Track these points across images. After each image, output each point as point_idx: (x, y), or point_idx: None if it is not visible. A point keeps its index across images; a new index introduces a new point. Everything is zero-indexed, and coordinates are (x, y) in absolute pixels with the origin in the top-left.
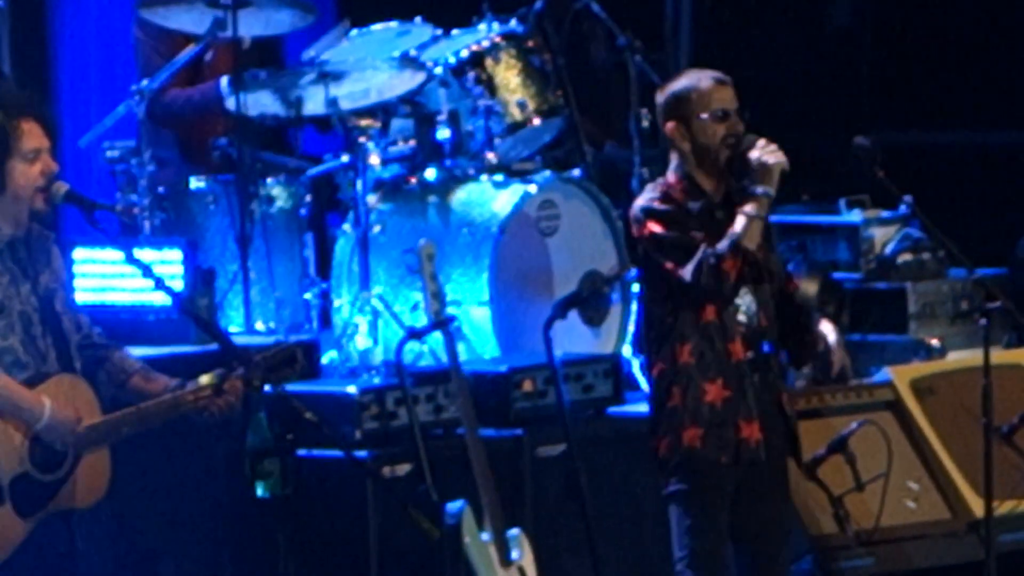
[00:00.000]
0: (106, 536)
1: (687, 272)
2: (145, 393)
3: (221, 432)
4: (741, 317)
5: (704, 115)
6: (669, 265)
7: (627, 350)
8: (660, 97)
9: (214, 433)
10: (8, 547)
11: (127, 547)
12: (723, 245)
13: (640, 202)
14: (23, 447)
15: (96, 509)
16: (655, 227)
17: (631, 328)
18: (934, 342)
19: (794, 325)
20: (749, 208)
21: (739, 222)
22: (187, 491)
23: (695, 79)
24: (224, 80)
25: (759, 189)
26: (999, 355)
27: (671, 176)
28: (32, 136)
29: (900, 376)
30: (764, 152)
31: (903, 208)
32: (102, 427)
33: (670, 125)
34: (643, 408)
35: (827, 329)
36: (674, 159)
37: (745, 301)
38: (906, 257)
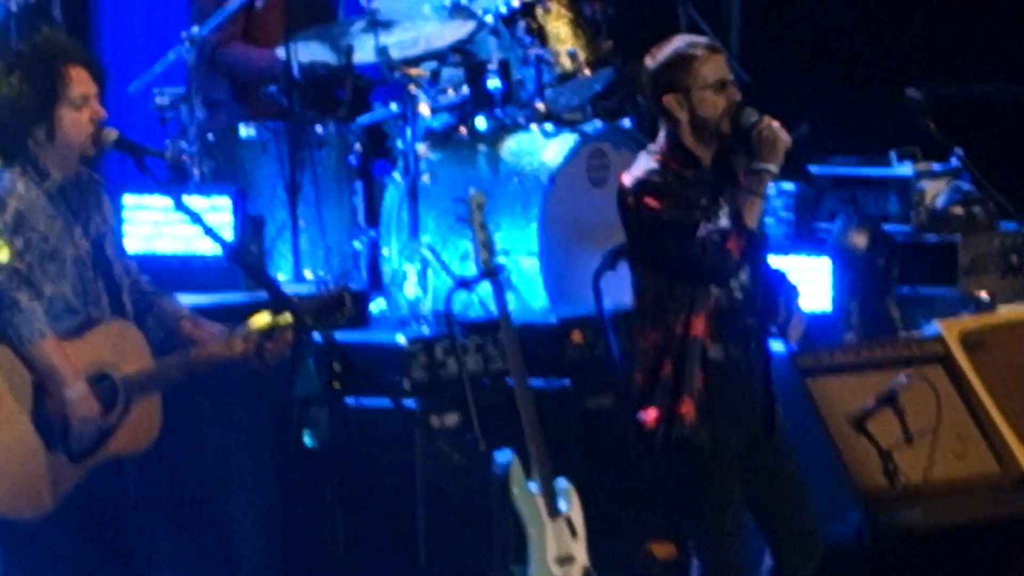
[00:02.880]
0: (157, 483)
1: (691, 250)
2: (194, 339)
3: (269, 380)
4: (737, 294)
5: (704, 87)
6: (670, 242)
7: None
8: (652, 64)
9: (263, 380)
10: (62, 492)
11: (177, 494)
12: (726, 223)
13: (637, 174)
14: (76, 388)
15: (147, 455)
16: (653, 203)
17: None
18: (984, 295)
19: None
20: (754, 186)
21: (742, 200)
22: (236, 438)
23: (689, 47)
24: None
25: (766, 166)
26: None
27: (664, 145)
28: (80, 82)
29: (950, 329)
30: (770, 127)
31: (954, 161)
32: (148, 374)
33: (668, 98)
34: None
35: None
36: (664, 127)
37: (741, 277)
38: (957, 210)
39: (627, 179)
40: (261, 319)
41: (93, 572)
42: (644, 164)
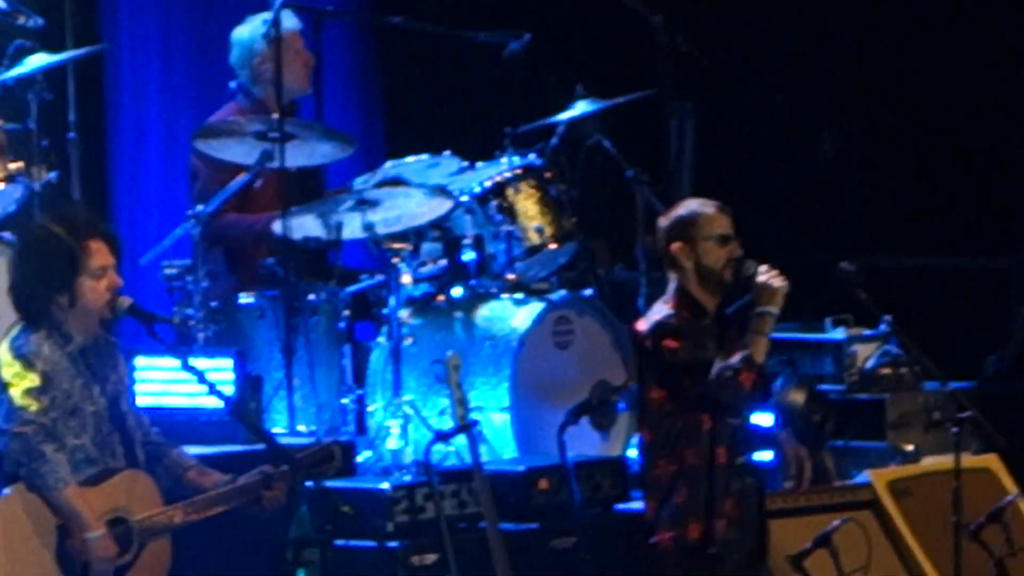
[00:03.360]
0: None
1: (707, 386)
2: (199, 487)
3: (267, 524)
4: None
5: (708, 239)
6: (689, 380)
7: (632, 453)
8: (664, 221)
9: (261, 524)
10: None
11: None
12: (736, 360)
13: (654, 319)
14: (96, 530)
15: None
16: (671, 343)
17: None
18: (909, 448)
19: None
20: (759, 327)
21: (752, 340)
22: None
23: (699, 206)
24: (278, 224)
25: (769, 310)
26: (968, 460)
27: (673, 294)
28: (99, 255)
29: (879, 478)
30: (770, 277)
31: (883, 327)
32: (160, 518)
33: (676, 245)
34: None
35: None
36: (673, 279)
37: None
38: (885, 371)
39: (643, 325)
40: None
41: None
42: (658, 311)
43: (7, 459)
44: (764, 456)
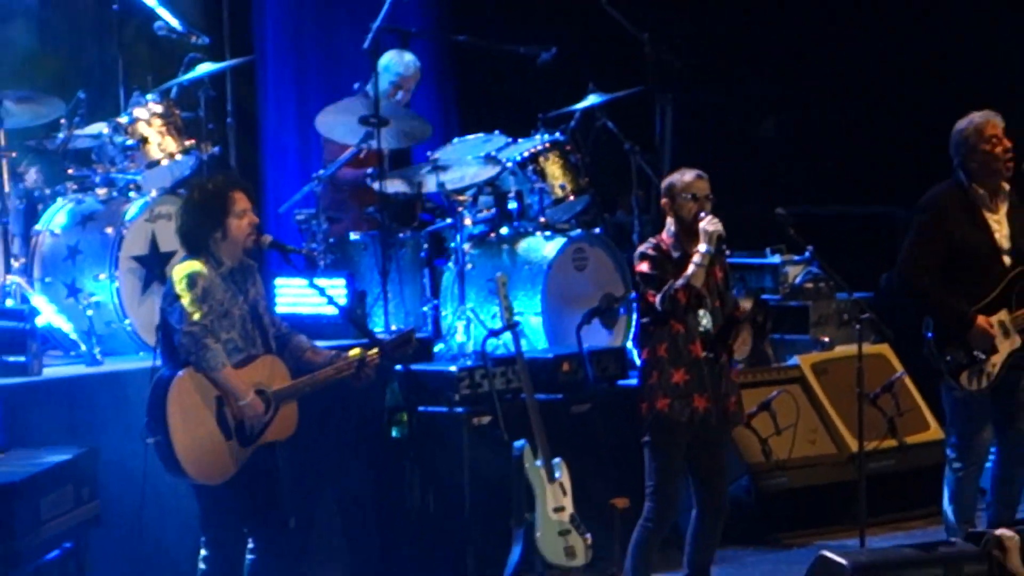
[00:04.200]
0: (295, 460)
1: (657, 299)
2: (314, 364)
3: (369, 395)
4: (702, 328)
5: (684, 198)
6: (649, 293)
7: (629, 344)
8: (663, 183)
9: (364, 396)
10: (235, 466)
11: (309, 468)
12: (679, 283)
13: (640, 248)
14: (250, 394)
15: (289, 441)
16: (643, 266)
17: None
18: (826, 340)
19: (729, 332)
20: (696, 259)
21: (689, 268)
22: (349, 432)
23: (680, 174)
24: (373, 181)
25: (702, 247)
26: (867, 348)
27: (664, 233)
28: (241, 200)
29: (804, 361)
30: (707, 223)
31: (807, 254)
32: (289, 388)
33: (664, 200)
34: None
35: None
36: (668, 223)
37: (707, 318)
38: (808, 285)
39: (636, 251)
40: (354, 351)
41: (255, 517)
42: (647, 243)
43: (180, 349)
44: None
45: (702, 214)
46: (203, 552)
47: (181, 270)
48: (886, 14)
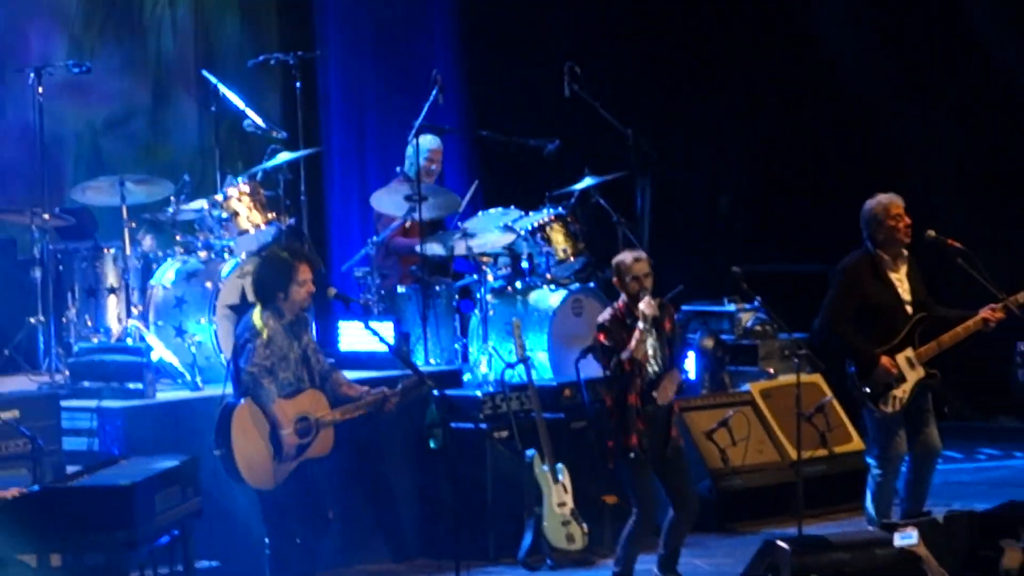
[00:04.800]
0: (334, 472)
1: (609, 366)
2: (348, 396)
3: (411, 414)
4: (650, 373)
5: (628, 277)
6: (604, 357)
7: None
8: (613, 262)
9: (408, 414)
10: (284, 476)
11: (369, 469)
12: (624, 355)
13: (600, 318)
14: (294, 423)
15: (328, 458)
16: (601, 337)
17: None
18: (771, 371)
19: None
20: (636, 335)
21: (631, 343)
22: (398, 443)
23: (624, 256)
24: (416, 246)
25: (640, 324)
26: (804, 377)
27: (620, 301)
28: (304, 272)
29: (754, 388)
30: (644, 304)
31: (756, 303)
32: (328, 416)
33: (615, 279)
34: None
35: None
36: (621, 295)
37: (653, 367)
38: (757, 328)
39: (598, 320)
40: (378, 392)
41: (301, 514)
42: (605, 312)
43: (243, 384)
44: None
45: (641, 294)
46: (267, 540)
47: (259, 319)
48: (805, 121)
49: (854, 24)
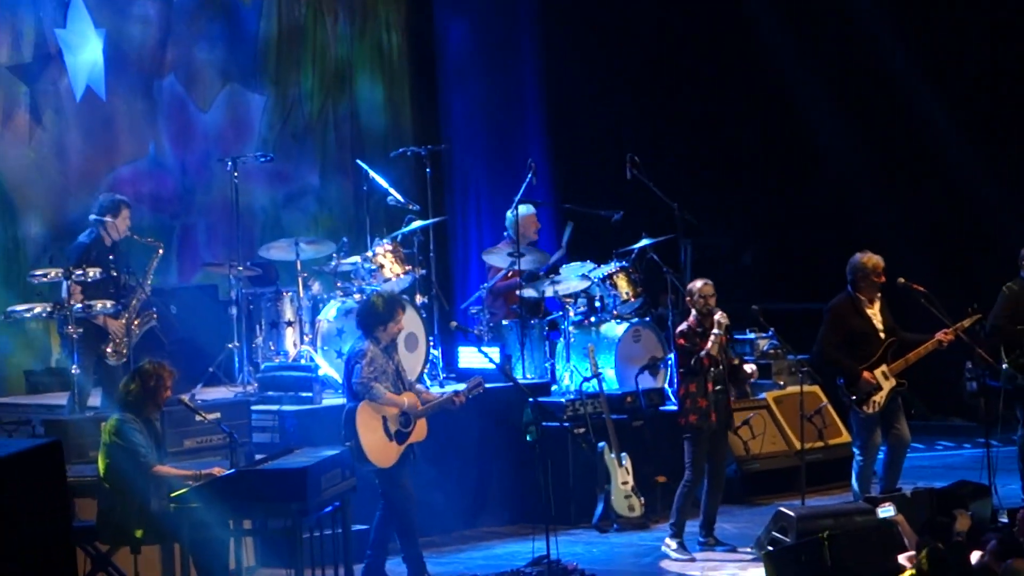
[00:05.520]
0: (429, 456)
1: (690, 362)
2: (427, 400)
3: (512, 413)
4: (714, 374)
5: (700, 299)
6: (683, 359)
7: (666, 386)
8: (687, 288)
9: (509, 413)
10: (396, 457)
11: (482, 457)
12: (703, 352)
13: (678, 328)
14: (396, 418)
15: (424, 443)
16: (681, 341)
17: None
18: (781, 383)
19: (734, 375)
20: (712, 337)
21: (709, 343)
22: (503, 437)
23: (696, 282)
24: (516, 290)
25: (716, 330)
26: (806, 388)
27: (691, 318)
28: (400, 316)
29: (769, 396)
30: (719, 315)
31: (771, 332)
32: (418, 411)
33: (688, 299)
34: (673, 407)
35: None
36: (692, 313)
37: (717, 368)
38: (771, 351)
39: (677, 329)
40: (448, 389)
41: (407, 482)
42: (682, 325)
43: (356, 391)
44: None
45: (713, 309)
46: (380, 511)
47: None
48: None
49: (838, 119)
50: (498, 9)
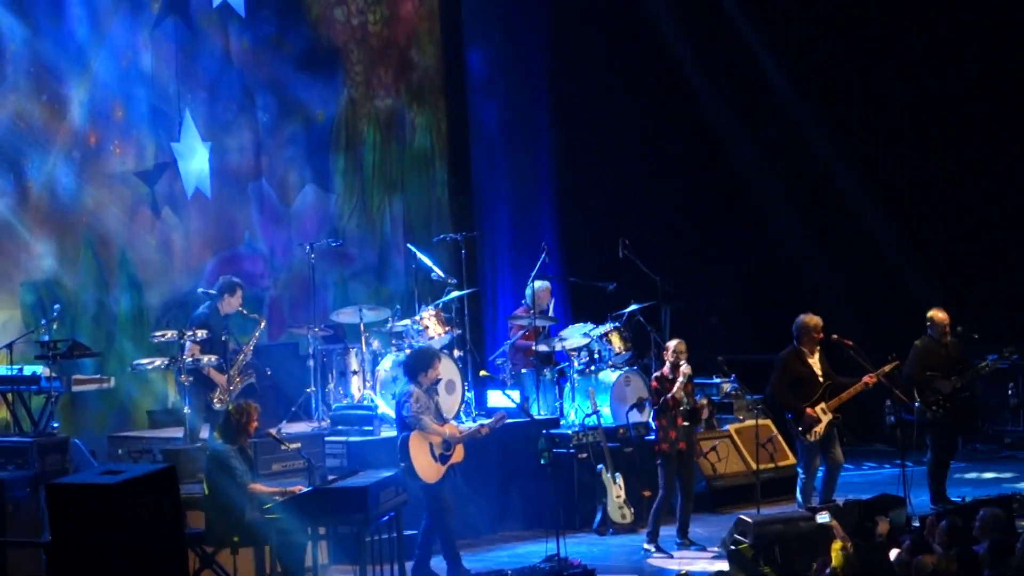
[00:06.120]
0: (472, 476)
1: (660, 401)
2: (460, 432)
3: (531, 441)
4: (683, 410)
5: (673, 353)
6: (655, 398)
7: (650, 420)
8: (666, 344)
9: (527, 440)
10: (440, 475)
11: (503, 476)
12: (669, 395)
13: (654, 375)
14: (440, 444)
15: (461, 464)
16: (655, 384)
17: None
18: (741, 417)
19: (695, 414)
20: (677, 385)
21: (675, 388)
22: (520, 460)
23: (673, 341)
24: (532, 346)
25: (681, 379)
26: (761, 421)
27: (665, 368)
28: (438, 365)
29: (731, 427)
30: (684, 367)
31: (732, 378)
32: (458, 438)
33: (664, 352)
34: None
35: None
36: (667, 364)
37: (684, 406)
38: (733, 392)
39: (654, 375)
40: (478, 423)
41: (447, 497)
42: (656, 373)
43: (408, 422)
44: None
45: (682, 362)
46: (425, 519)
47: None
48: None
49: (788, 202)
50: (520, 116)
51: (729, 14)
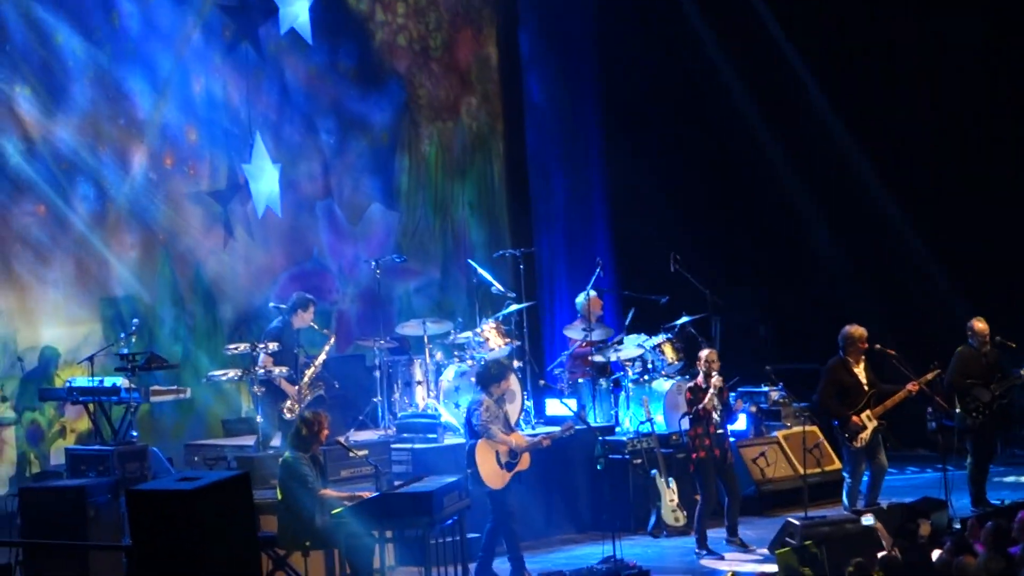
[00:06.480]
0: (531, 481)
1: (693, 410)
2: (540, 441)
3: (585, 450)
4: (716, 419)
5: (706, 363)
6: (689, 409)
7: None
8: (699, 354)
9: (588, 450)
10: (506, 482)
11: (566, 479)
12: (700, 406)
13: (688, 385)
14: (506, 452)
15: (527, 472)
16: (688, 395)
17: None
18: (788, 424)
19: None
20: (708, 395)
21: (706, 399)
22: (581, 465)
23: (705, 351)
24: (589, 355)
25: (712, 390)
26: (808, 428)
27: (700, 376)
28: (508, 380)
29: (780, 434)
30: (715, 379)
31: (780, 386)
32: (524, 447)
33: (698, 362)
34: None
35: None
36: (700, 373)
37: (716, 413)
38: (781, 400)
39: (686, 386)
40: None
41: (512, 502)
42: (691, 383)
43: (476, 430)
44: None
45: (714, 373)
46: (490, 523)
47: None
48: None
49: (828, 228)
50: (574, 136)
51: (777, 40)
